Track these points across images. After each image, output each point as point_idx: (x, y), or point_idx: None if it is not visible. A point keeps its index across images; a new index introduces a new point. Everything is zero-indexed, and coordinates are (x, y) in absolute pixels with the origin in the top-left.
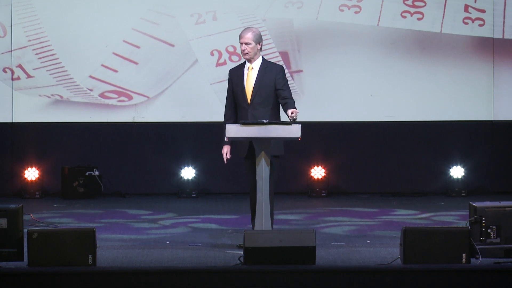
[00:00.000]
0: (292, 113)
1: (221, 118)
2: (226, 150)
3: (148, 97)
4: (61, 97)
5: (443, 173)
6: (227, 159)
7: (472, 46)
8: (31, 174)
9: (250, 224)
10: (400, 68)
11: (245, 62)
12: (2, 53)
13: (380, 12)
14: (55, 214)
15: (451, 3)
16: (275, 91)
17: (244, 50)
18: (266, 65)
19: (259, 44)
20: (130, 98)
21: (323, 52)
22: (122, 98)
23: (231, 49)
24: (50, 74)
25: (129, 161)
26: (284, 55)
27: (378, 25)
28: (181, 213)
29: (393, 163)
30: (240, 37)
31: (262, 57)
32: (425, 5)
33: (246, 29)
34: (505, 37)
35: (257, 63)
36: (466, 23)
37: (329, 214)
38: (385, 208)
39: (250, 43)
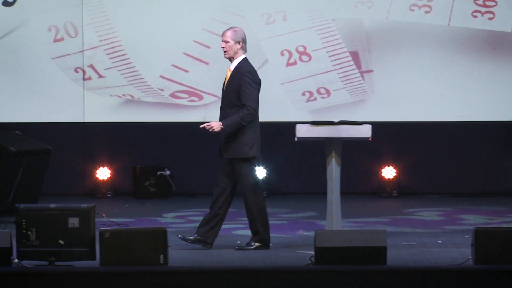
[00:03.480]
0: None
1: (291, 119)
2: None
3: (218, 97)
4: (132, 97)
5: None
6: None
7: None
8: (103, 173)
9: (324, 223)
10: (471, 68)
11: None
12: (74, 53)
13: (451, 11)
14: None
15: None
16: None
17: (223, 48)
18: (240, 66)
19: (239, 44)
20: (200, 98)
21: (393, 52)
22: (192, 98)
23: (301, 49)
24: (121, 74)
25: (199, 160)
26: (354, 55)
27: (448, 24)
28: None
29: (464, 163)
30: (221, 35)
31: (245, 58)
32: (496, 4)
33: (230, 27)
34: None
35: (234, 64)
36: None
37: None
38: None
39: (228, 41)
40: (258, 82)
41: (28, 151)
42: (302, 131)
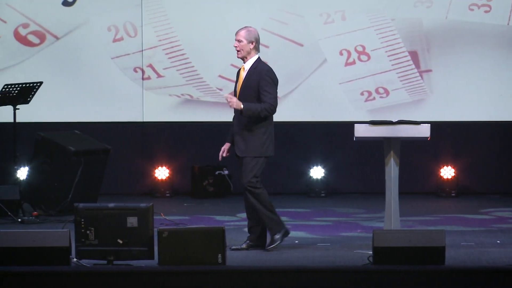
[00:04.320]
0: (231, 99)
1: (349, 118)
2: (224, 147)
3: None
4: (191, 96)
5: None
6: (222, 157)
7: None
8: (162, 173)
9: (382, 223)
10: None
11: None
12: (133, 53)
13: (511, 11)
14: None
15: None
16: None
17: (236, 47)
18: (256, 66)
19: (252, 44)
20: None
21: (452, 52)
22: None
23: (360, 49)
24: (180, 74)
25: None
26: (413, 54)
27: (508, 24)
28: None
29: None
30: (235, 34)
31: (258, 58)
32: None
33: (243, 27)
34: None
35: (248, 64)
36: None
37: None
38: None
39: (241, 41)
40: (276, 81)
41: (87, 150)
42: (361, 131)
